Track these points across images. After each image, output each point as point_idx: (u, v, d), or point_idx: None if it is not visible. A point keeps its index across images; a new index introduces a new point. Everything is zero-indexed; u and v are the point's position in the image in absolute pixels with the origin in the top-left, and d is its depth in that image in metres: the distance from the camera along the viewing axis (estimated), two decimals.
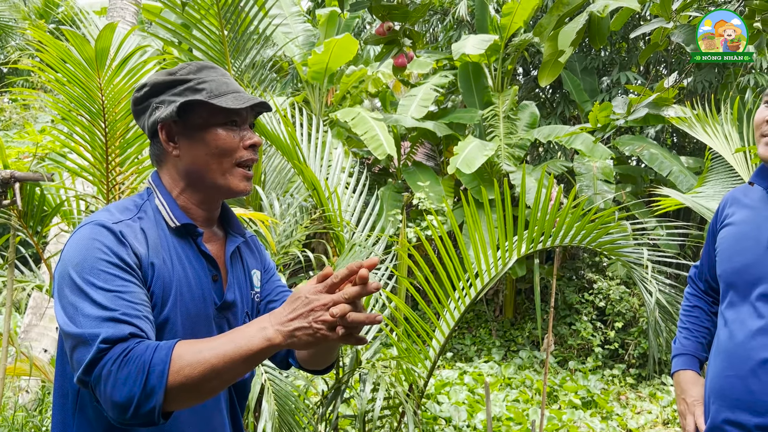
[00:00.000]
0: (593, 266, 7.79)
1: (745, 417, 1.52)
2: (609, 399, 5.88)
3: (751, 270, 1.55)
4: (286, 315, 1.04)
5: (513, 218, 3.00)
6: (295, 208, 3.32)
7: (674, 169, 7.01)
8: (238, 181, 1.27)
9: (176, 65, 1.35)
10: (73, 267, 1.11)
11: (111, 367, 1.01)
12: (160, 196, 1.27)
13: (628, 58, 8.96)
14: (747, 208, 1.64)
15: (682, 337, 1.85)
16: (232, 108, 1.23)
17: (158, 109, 1.25)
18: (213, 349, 1.03)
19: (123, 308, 1.08)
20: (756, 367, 1.50)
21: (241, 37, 3.95)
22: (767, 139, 1.55)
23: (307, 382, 3.29)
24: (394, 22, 2.02)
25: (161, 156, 1.30)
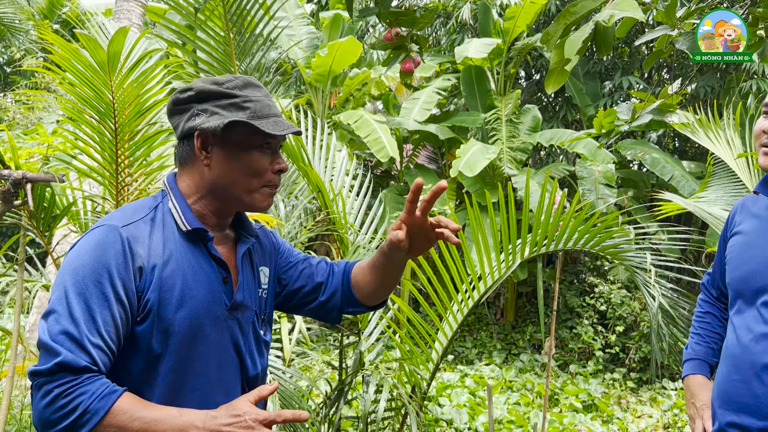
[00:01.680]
0: (594, 270, 7.81)
1: (749, 420, 1.54)
2: (610, 403, 5.89)
3: (756, 278, 1.57)
4: (222, 425, 1.13)
5: (516, 221, 3.02)
6: (300, 210, 3.34)
7: (676, 173, 7.03)
8: (262, 199, 1.32)
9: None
10: (72, 269, 1.17)
11: (55, 390, 1.09)
12: (174, 199, 1.30)
13: (631, 62, 8.99)
14: (755, 218, 1.67)
15: (694, 342, 1.88)
16: (271, 133, 1.26)
17: (199, 116, 1.27)
18: (146, 423, 1.11)
19: (92, 334, 1.14)
20: (760, 371, 1.52)
21: (246, 39, 3.98)
22: (765, 149, 1.57)
23: (311, 383, 3.31)
24: (402, 28, 2.05)
25: (188, 160, 1.32)
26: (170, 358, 1.22)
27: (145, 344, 1.20)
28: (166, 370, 1.22)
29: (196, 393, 1.25)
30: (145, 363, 1.21)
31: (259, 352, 1.44)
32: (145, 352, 1.20)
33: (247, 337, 1.38)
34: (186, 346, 1.23)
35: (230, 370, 1.33)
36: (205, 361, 1.26)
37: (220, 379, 1.30)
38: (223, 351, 1.30)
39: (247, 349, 1.37)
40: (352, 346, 3.40)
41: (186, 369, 1.24)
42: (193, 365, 1.25)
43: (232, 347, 1.33)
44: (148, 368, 1.21)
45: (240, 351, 1.35)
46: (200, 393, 1.26)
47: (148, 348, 1.20)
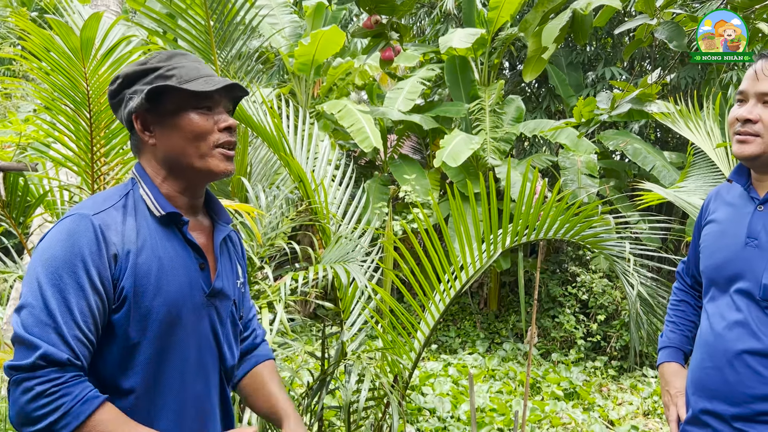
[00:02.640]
0: (576, 259, 7.87)
1: (722, 407, 1.56)
2: (591, 390, 5.95)
3: (729, 266, 1.59)
4: None
5: (498, 211, 3.03)
6: (281, 200, 3.32)
7: (657, 163, 7.09)
8: (218, 162, 1.28)
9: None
10: (45, 260, 1.14)
11: (37, 387, 1.08)
12: (144, 185, 1.28)
13: (614, 53, 9.02)
14: (728, 206, 1.68)
15: (669, 330, 1.89)
16: (202, 92, 1.24)
17: (132, 100, 1.26)
18: None
19: (70, 326, 1.12)
20: (732, 358, 1.54)
21: (227, 27, 3.93)
22: (738, 137, 1.57)
23: (293, 374, 3.31)
24: (382, 16, 2.03)
25: (139, 146, 1.31)
26: (149, 346, 1.20)
27: (122, 333, 1.18)
28: (145, 359, 1.20)
29: (175, 381, 1.24)
30: (123, 352, 1.19)
31: (236, 343, 1.43)
32: (123, 341, 1.19)
33: (225, 326, 1.37)
34: (164, 334, 1.21)
35: (209, 359, 1.31)
36: (184, 349, 1.25)
37: (199, 368, 1.28)
38: (202, 339, 1.29)
39: (225, 338, 1.36)
40: (335, 336, 3.39)
41: (165, 357, 1.22)
42: (172, 353, 1.23)
43: (211, 335, 1.32)
44: (125, 357, 1.19)
45: (219, 340, 1.34)
46: (179, 382, 1.24)
47: (125, 336, 1.18)
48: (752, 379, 1.50)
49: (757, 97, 1.54)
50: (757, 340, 1.51)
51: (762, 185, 1.60)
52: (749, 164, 1.61)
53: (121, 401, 1.18)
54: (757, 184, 1.61)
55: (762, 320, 1.51)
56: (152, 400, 1.21)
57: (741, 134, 1.56)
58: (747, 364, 1.51)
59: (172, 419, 1.23)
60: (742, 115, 1.55)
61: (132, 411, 1.19)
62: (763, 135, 1.52)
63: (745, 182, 1.63)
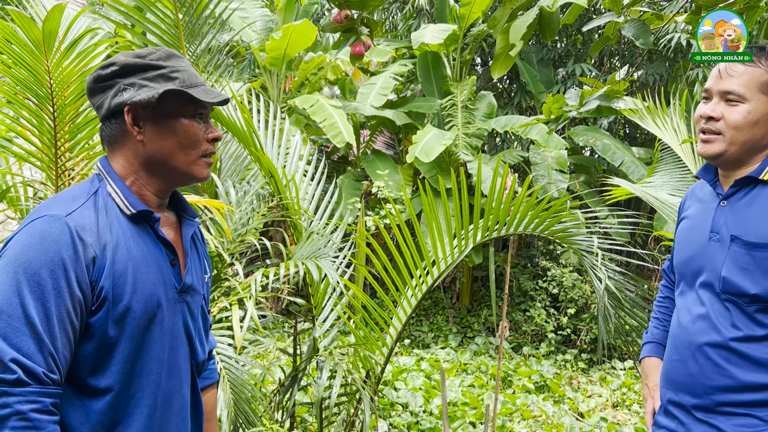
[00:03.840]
0: (547, 254, 7.96)
1: (685, 398, 1.61)
2: (561, 383, 6.04)
3: (695, 260, 1.64)
4: None
5: (469, 207, 3.05)
6: (252, 196, 3.29)
7: (626, 159, 7.20)
8: (201, 169, 1.30)
9: (132, 48, 1.35)
10: (20, 264, 1.10)
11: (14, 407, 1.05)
12: (112, 182, 1.25)
13: (584, 50, 9.13)
14: (699, 202, 1.72)
15: (653, 326, 1.93)
16: (203, 101, 1.25)
17: (126, 91, 1.23)
18: None
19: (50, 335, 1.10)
20: (695, 351, 1.59)
21: (196, 21, 3.88)
22: (702, 136, 1.61)
23: (264, 371, 3.29)
24: (352, 11, 2.02)
25: (118, 138, 1.27)
26: (126, 344, 1.19)
27: (100, 333, 1.17)
28: (122, 357, 1.19)
29: (151, 378, 1.24)
30: (100, 352, 1.18)
31: (206, 337, 1.45)
32: (100, 341, 1.17)
33: (197, 321, 1.38)
34: (141, 332, 1.21)
35: (182, 355, 1.32)
36: (159, 346, 1.25)
37: (172, 364, 1.29)
38: (175, 335, 1.29)
39: (196, 333, 1.38)
40: (307, 332, 3.38)
41: (141, 355, 1.22)
42: (147, 350, 1.23)
43: (183, 331, 1.33)
44: (102, 357, 1.18)
45: (190, 335, 1.35)
46: (155, 378, 1.25)
47: (103, 336, 1.17)
48: (713, 371, 1.55)
49: (720, 96, 1.57)
50: (717, 332, 1.55)
51: (727, 181, 1.63)
52: (714, 162, 1.64)
53: (99, 400, 1.18)
54: (723, 180, 1.65)
55: (722, 313, 1.55)
56: (129, 398, 1.21)
57: (705, 132, 1.60)
58: (708, 357, 1.56)
59: (147, 415, 1.23)
60: (706, 112, 1.59)
61: (109, 410, 1.18)
62: (726, 133, 1.55)
63: (711, 179, 1.67)
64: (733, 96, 1.55)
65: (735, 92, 1.54)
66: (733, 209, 1.58)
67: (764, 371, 1.50)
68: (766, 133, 1.55)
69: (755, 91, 1.54)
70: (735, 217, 1.57)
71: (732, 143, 1.56)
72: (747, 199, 1.57)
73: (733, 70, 1.56)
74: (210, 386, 1.57)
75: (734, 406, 1.52)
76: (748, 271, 1.51)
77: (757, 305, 1.51)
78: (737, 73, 1.55)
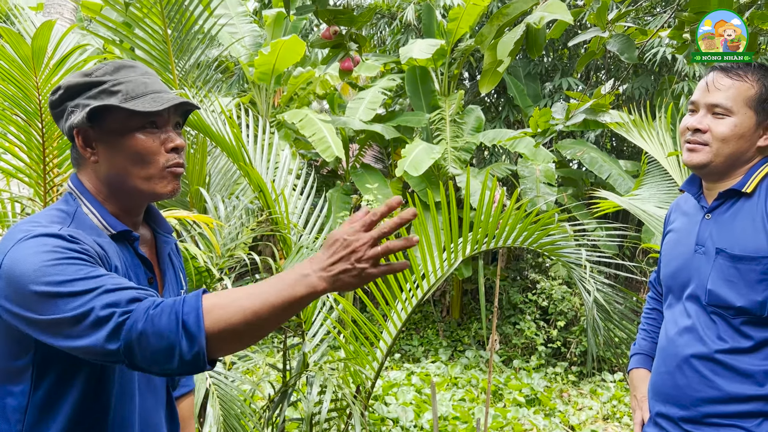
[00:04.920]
0: (536, 267, 7.98)
1: (672, 410, 1.62)
2: (552, 396, 6.04)
3: (682, 273, 1.66)
4: (327, 260, 1.02)
5: (458, 220, 3.06)
6: (241, 211, 3.29)
7: (613, 172, 7.27)
8: (165, 184, 1.22)
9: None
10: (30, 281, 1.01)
11: (143, 325, 0.96)
12: (87, 203, 1.21)
13: (570, 64, 9.23)
14: (684, 215, 1.74)
15: (641, 338, 1.94)
16: (142, 111, 1.16)
17: (73, 113, 1.19)
18: (253, 296, 0.99)
19: (112, 279, 1.02)
20: (682, 363, 1.61)
21: (185, 36, 3.89)
22: (688, 146, 1.62)
23: (253, 386, 3.27)
24: (341, 26, 2.04)
25: (79, 160, 1.24)
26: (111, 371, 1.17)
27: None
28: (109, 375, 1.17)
29: (131, 396, 1.22)
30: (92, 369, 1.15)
31: None
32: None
33: None
34: None
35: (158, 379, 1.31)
36: None
37: (149, 381, 1.28)
38: None
39: None
40: (296, 347, 3.37)
41: (123, 372, 1.20)
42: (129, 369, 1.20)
43: None
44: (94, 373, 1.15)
45: None
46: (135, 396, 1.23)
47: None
48: (699, 382, 1.57)
49: (707, 108, 1.59)
50: (703, 344, 1.57)
51: (711, 194, 1.65)
52: (698, 172, 1.65)
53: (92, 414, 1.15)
54: (707, 193, 1.66)
55: (708, 325, 1.57)
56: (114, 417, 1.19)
57: (691, 143, 1.61)
58: (695, 369, 1.58)
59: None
60: (693, 124, 1.60)
61: (95, 426, 1.16)
62: (712, 144, 1.57)
63: (696, 191, 1.69)
64: (720, 109, 1.57)
65: (722, 105, 1.56)
66: (717, 222, 1.60)
67: (750, 383, 1.51)
68: (750, 146, 1.57)
69: (741, 105, 1.55)
70: (720, 229, 1.58)
71: (718, 155, 1.57)
72: (731, 212, 1.58)
73: (720, 84, 1.57)
74: (186, 394, 1.55)
75: (721, 417, 1.54)
76: (734, 283, 1.52)
77: (743, 317, 1.52)
78: (724, 87, 1.57)
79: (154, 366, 0.99)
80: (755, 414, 1.51)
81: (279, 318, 1.00)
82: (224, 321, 0.98)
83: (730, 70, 1.58)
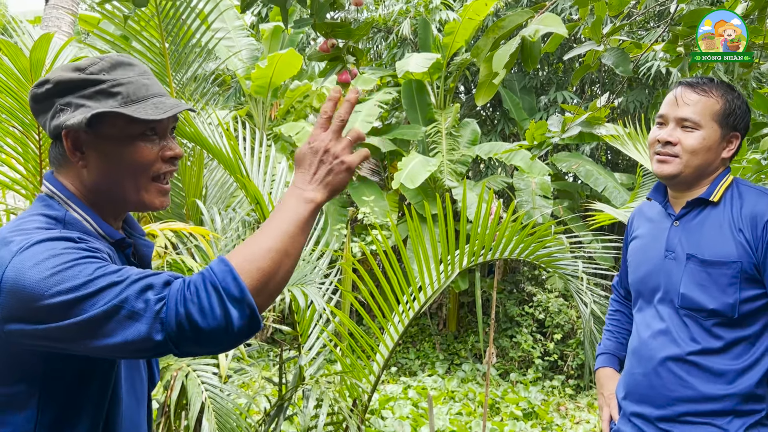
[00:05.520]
0: (533, 279, 7.98)
1: (648, 410, 1.69)
2: (549, 410, 6.01)
3: (653, 278, 1.73)
4: (309, 172, 1.05)
5: (455, 232, 3.06)
6: (238, 223, 3.28)
7: (609, 185, 7.30)
8: (153, 197, 1.14)
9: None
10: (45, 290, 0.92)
11: (183, 308, 0.92)
12: (77, 208, 1.10)
13: (565, 78, 9.29)
14: (649, 222, 1.82)
15: (605, 338, 2.04)
16: (149, 119, 1.07)
17: (63, 112, 1.07)
18: (270, 236, 0.99)
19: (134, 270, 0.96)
20: (657, 365, 1.68)
21: (182, 50, 3.91)
22: (659, 157, 1.69)
23: (249, 400, 3.25)
24: (338, 40, 2.05)
25: (62, 162, 1.13)
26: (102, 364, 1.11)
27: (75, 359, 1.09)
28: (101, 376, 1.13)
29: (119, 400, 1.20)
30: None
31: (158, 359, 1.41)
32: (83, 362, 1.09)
33: None
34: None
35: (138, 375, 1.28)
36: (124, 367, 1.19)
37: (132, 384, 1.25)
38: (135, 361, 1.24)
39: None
40: (292, 360, 3.35)
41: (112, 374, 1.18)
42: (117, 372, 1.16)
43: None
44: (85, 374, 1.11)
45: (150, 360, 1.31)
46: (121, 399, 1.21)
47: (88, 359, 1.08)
48: (674, 383, 1.64)
49: (677, 122, 1.67)
50: (677, 346, 1.65)
51: (678, 202, 1.73)
52: (668, 182, 1.73)
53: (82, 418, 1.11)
54: (674, 201, 1.75)
55: (681, 328, 1.65)
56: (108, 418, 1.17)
57: (661, 155, 1.69)
58: (670, 370, 1.65)
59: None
60: (663, 137, 1.68)
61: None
62: (682, 156, 1.65)
63: (662, 200, 1.77)
64: (688, 123, 1.65)
65: (691, 119, 1.64)
66: (686, 229, 1.68)
67: (722, 382, 1.59)
68: (715, 158, 1.67)
69: (708, 119, 1.64)
70: (689, 236, 1.67)
71: (687, 166, 1.65)
72: (699, 219, 1.67)
73: (688, 98, 1.66)
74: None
75: (696, 416, 1.61)
76: (705, 287, 1.60)
77: (715, 319, 1.60)
78: (692, 102, 1.65)
79: (209, 345, 0.95)
80: (726, 412, 1.59)
81: (298, 244, 1.01)
82: (258, 270, 0.96)
83: (696, 85, 1.67)
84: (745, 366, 1.59)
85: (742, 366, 1.59)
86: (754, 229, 1.58)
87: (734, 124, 1.66)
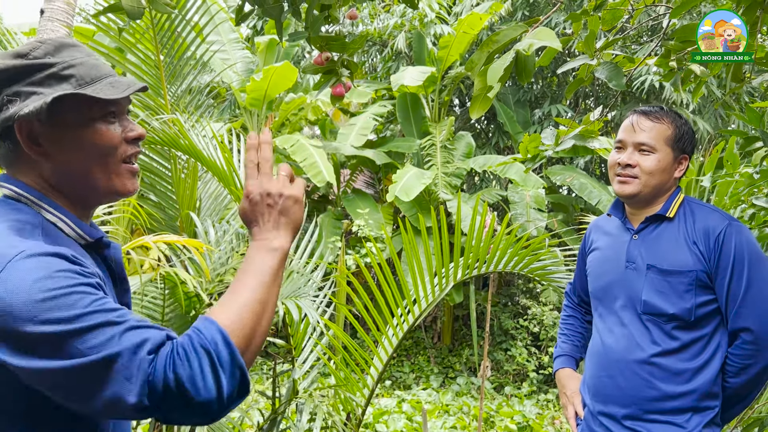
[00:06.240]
0: (527, 292, 7.98)
1: (615, 409, 1.84)
2: (544, 424, 5.98)
3: (614, 287, 1.89)
4: (262, 222, 1.06)
5: (449, 245, 3.06)
6: (231, 235, 3.27)
7: (603, 198, 7.32)
8: (126, 180, 1.07)
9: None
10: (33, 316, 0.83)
11: (173, 371, 0.85)
12: (50, 209, 1.02)
13: (559, 92, 9.35)
14: (608, 235, 1.99)
15: (561, 341, 2.21)
16: (109, 98, 1.00)
17: (12, 103, 0.97)
18: (248, 290, 0.97)
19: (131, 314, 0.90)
20: (623, 367, 1.82)
21: (177, 62, 3.92)
22: (620, 178, 1.86)
23: (242, 414, 3.22)
24: (333, 53, 2.06)
25: (14, 160, 1.03)
26: None
27: None
28: None
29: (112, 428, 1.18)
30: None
31: None
32: None
33: None
34: None
35: None
36: None
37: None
38: None
39: None
40: (286, 374, 3.33)
41: None
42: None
43: None
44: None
45: None
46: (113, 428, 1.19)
47: None
48: (640, 384, 1.79)
49: (635, 146, 1.85)
50: (640, 350, 1.80)
51: (635, 218, 1.91)
52: (627, 200, 1.90)
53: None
54: (632, 217, 1.93)
55: (643, 333, 1.80)
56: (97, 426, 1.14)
57: (622, 176, 1.86)
58: (634, 372, 1.80)
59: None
60: (624, 160, 1.85)
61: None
62: (641, 177, 1.83)
63: (621, 215, 1.95)
64: (646, 147, 1.83)
65: (647, 144, 1.83)
66: (645, 242, 1.85)
67: (681, 380, 1.76)
68: (669, 178, 1.85)
69: (662, 144, 1.83)
70: (648, 248, 1.84)
71: (646, 186, 1.83)
72: (656, 233, 1.85)
73: (644, 125, 1.84)
74: None
75: (659, 413, 1.77)
76: (665, 294, 1.77)
77: (674, 323, 1.77)
78: (647, 128, 1.83)
79: (195, 417, 0.89)
80: (685, 410, 1.75)
81: (274, 294, 1.01)
82: (243, 327, 0.94)
83: (650, 113, 1.86)
84: (700, 364, 1.76)
85: (698, 364, 1.76)
86: (707, 241, 1.76)
87: (683, 147, 1.85)
